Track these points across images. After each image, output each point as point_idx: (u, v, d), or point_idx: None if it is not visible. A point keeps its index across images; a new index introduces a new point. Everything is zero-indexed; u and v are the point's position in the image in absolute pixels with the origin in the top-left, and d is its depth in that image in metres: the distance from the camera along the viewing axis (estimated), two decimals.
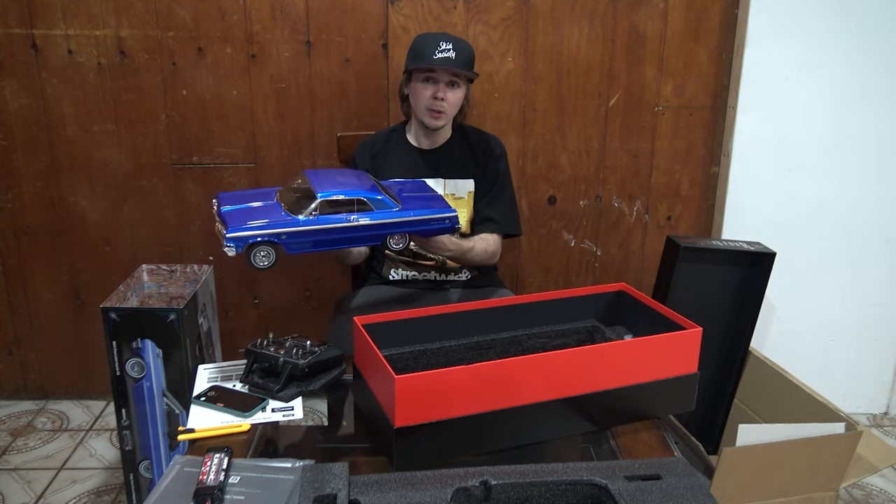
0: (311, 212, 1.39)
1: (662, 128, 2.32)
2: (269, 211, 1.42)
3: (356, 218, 1.43)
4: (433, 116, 1.80)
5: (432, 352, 1.34)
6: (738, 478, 1.51)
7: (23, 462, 2.17)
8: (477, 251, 1.81)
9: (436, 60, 1.74)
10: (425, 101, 1.79)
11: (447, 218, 1.55)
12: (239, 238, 1.35)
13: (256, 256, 1.37)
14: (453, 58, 1.75)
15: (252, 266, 1.37)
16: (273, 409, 1.29)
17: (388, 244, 1.50)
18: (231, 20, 2.17)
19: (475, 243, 1.81)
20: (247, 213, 1.41)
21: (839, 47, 2.21)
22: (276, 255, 1.38)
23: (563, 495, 1.03)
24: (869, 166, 2.30)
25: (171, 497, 1.03)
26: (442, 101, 1.78)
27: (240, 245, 1.35)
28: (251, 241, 1.35)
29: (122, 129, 2.25)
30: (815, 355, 2.45)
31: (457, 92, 1.80)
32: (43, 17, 2.15)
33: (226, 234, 1.34)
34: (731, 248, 1.88)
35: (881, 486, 2.13)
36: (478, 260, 1.84)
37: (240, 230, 1.35)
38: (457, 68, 1.75)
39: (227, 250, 1.35)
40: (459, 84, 1.80)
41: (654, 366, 1.24)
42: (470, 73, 1.80)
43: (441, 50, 1.75)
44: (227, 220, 1.38)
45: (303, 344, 1.35)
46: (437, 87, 1.77)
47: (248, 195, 1.51)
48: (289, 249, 1.39)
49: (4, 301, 2.41)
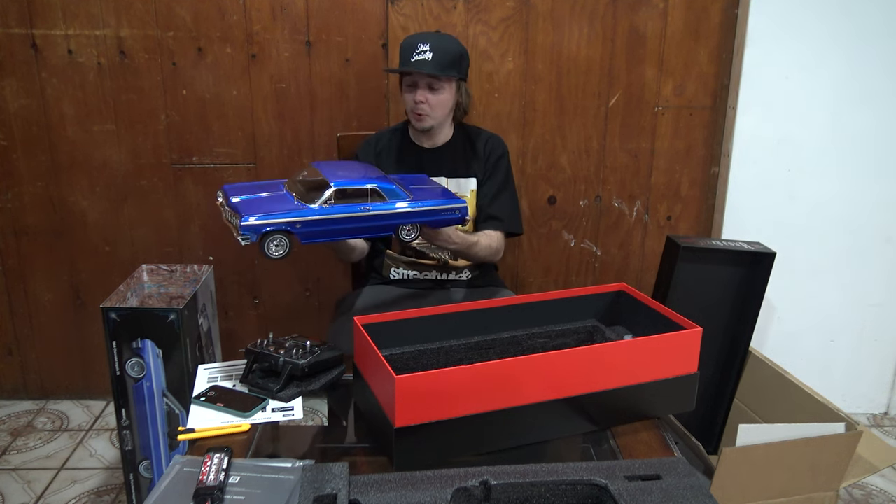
0: (325, 201, 1.38)
1: (662, 128, 2.32)
2: (281, 200, 1.40)
3: (369, 208, 1.42)
4: (416, 118, 1.80)
5: (432, 352, 1.34)
6: (738, 478, 1.51)
7: (23, 462, 2.17)
8: (482, 246, 1.81)
9: (411, 64, 1.73)
10: (409, 104, 1.80)
11: (457, 208, 1.54)
12: (254, 227, 1.32)
13: (270, 246, 1.34)
14: (429, 59, 1.72)
15: (265, 255, 1.35)
16: (273, 409, 1.29)
17: (400, 234, 1.49)
18: (231, 20, 2.17)
19: (480, 238, 1.81)
20: (260, 203, 1.39)
21: (839, 47, 2.21)
22: (290, 244, 1.36)
23: (563, 495, 1.03)
24: (869, 166, 2.30)
25: (171, 497, 1.03)
26: (422, 103, 1.77)
27: (255, 234, 1.32)
28: (266, 230, 1.33)
29: (122, 129, 2.25)
30: (815, 355, 2.45)
31: (439, 94, 1.77)
32: (43, 17, 2.15)
33: (240, 223, 1.32)
34: (731, 248, 1.88)
35: (881, 486, 2.13)
36: (482, 255, 1.83)
37: (255, 219, 1.32)
38: (431, 71, 1.72)
39: (242, 240, 1.32)
40: (440, 86, 1.77)
41: (654, 366, 1.24)
42: (449, 74, 1.75)
43: (417, 52, 1.73)
44: (240, 209, 1.35)
45: (303, 344, 1.35)
46: (416, 91, 1.77)
47: (255, 186, 1.50)
48: (303, 239, 1.37)
49: (4, 301, 2.41)
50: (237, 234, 1.33)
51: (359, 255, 1.84)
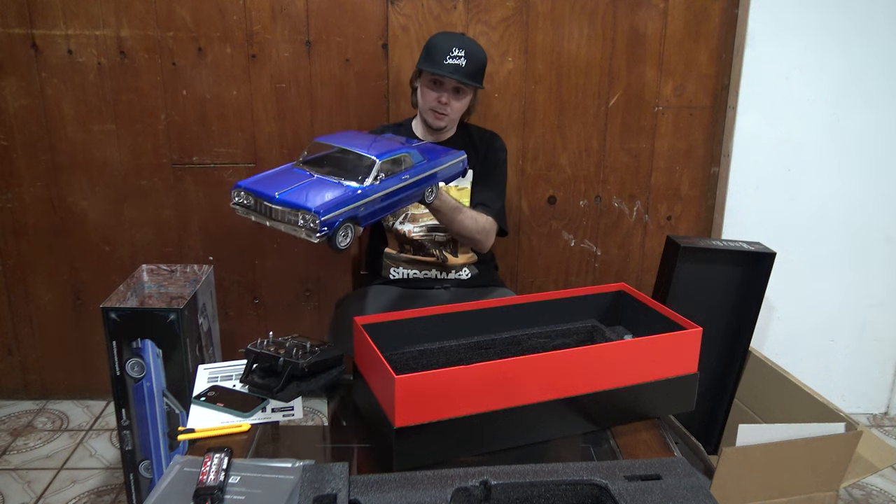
0: (375, 177, 1.31)
1: (662, 128, 2.32)
2: (330, 186, 1.29)
3: (408, 176, 1.40)
4: (436, 117, 1.83)
5: (432, 352, 1.34)
6: (738, 478, 1.51)
7: (23, 462, 2.17)
8: (467, 214, 1.73)
9: (445, 67, 1.75)
10: (430, 102, 1.82)
11: (462, 160, 1.58)
12: (331, 220, 1.23)
13: (339, 236, 1.26)
14: (463, 66, 1.75)
15: (335, 248, 1.26)
16: (273, 409, 1.29)
17: (426, 198, 1.47)
18: (231, 20, 2.17)
19: (465, 208, 1.74)
20: (313, 193, 1.27)
21: (839, 47, 2.21)
22: (354, 230, 1.30)
23: (563, 495, 1.03)
24: (869, 166, 2.30)
25: (171, 497, 1.03)
26: (445, 105, 1.80)
27: (332, 228, 1.23)
28: (340, 221, 1.24)
29: (122, 129, 2.25)
30: (815, 355, 2.45)
31: (462, 99, 1.82)
32: (43, 17, 2.15)
33: (320, 219, 1.21)
34: (731, 248, 1.88)
35: (881, 486, 2.13)
36: (467, 226, 1.73)
37: (328, 211, 1.22)
38: (464, 79, 1.76)
39: (316, 237, 1.22)
40: (465, 91, 1.82)
41: (654, 366, 1.24)
42: (476, 84, 1.81)
43: (452, 56, 1.75)
44: (299, 203, 1.23)
45: (303, 344, 1.35)
46: (443, 92, 1.80)
47: (276, 175, 1.37)
48: (363, 222, 1.31)
49: (4, 301, 2.41)
50: (303, 234, 1.23)
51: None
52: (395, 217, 1.88)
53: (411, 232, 1.89)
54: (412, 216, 1.89)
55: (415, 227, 1.89)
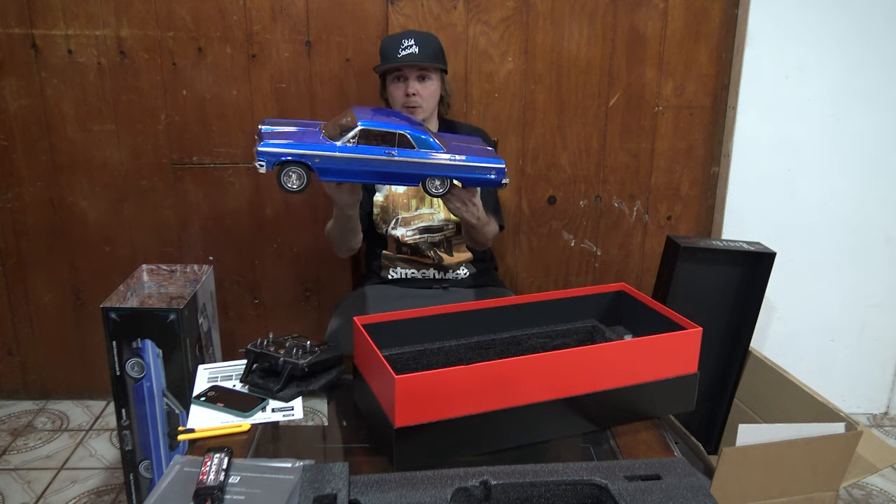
0: (349, 139, 1.38)
1: (662, 128, 2.32)
2: (307, 135, 1.42)
3: (395, 153, 1.40)
4: (410, 112, 1.82)
5: (432, 352, 1.34)
6: (738, 478, 1.51)
7: (23, 462, 2.17)
8: (491, 227, 1.82)
9: (400, 58, 1.78)
10: (399, 99, 1.83)
11: (494, 169, 1.45)
12: (270, 153, 1.33)
13: (286, 176, 1.35)
14: (417, 52, 1.79)
15: (281, 187, 1.36)
16: (273, 409, 1.29)
17: (428, 187, 1.46)
18: (231, 20, 2.17)
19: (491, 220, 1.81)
20: (286, 135, 1.40)
21: (839, 47, 2.21)
22: (307, 178, 1.37)
23: (563, 495, 1.03)
24: (869, 166, 2.30)
25: (171, 497, 1.03)
26: (414, 96, 1.81)
27: (271, 161, 1.33)
28: (283, 159, 1.34)
29: (122, 129, 2.25)
30: (815, 355, 2.45)
31: (428, 85, 1.84)
32: (43, 17, 2.15)
33: (258, 148, 1.33)
34: (731, 248, 1.88)
35: (881, 486, 2.13)
36: (484, 234, 1.80)
37: (273, 146, 1.34)
38: (422, 61, 1.79)
39: (258, 166, 1.34)
40: (429, 76, 1.84)
41: (654, 366, 1.24)
42: (437, 63, 1.83)
43: (404, 47, 1.79)
44: (263, 136, 1.37)
45: (303, 344, 1.35)
46: (408, 83, 1.81)
47: (293, 122, 1.51)
48: (321, 175, 1.38)
49: (4, 301, 2.41)
50: (255, 160, 1.34)
51: (358, 242, 1.84)
52: (386, 224, 1.89)
53: (404, 236, 1.89)
54: (403, 220, 1.89)
55: (407, 230, 1.89)
